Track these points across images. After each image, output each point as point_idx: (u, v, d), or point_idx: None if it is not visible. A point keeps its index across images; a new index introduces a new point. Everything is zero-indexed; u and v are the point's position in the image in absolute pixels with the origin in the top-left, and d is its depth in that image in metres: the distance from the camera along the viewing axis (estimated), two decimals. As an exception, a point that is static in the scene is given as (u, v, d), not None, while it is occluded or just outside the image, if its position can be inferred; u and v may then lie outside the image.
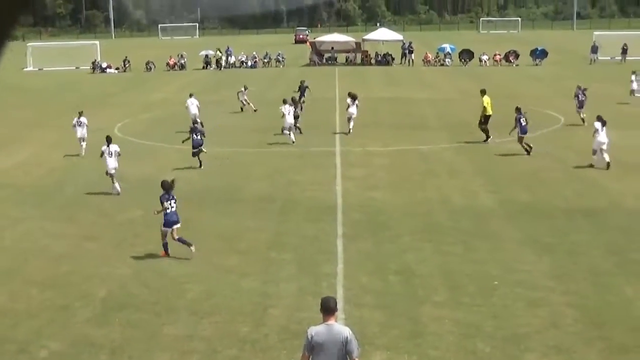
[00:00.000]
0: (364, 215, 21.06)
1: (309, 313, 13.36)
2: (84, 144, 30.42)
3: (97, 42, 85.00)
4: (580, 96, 35.03)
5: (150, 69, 73.51)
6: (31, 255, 18.37)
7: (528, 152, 28.71)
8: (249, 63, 75.23)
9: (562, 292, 15.08)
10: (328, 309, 9.70)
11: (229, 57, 76.43)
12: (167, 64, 74.65)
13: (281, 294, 15.28)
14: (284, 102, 32.92)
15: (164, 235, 17.83)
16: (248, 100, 41.66)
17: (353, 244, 18.38)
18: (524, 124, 28.64)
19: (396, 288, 15.52)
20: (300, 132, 34.12)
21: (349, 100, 35.19)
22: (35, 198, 24.14)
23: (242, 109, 41.70)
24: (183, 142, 29.02)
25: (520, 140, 28.93)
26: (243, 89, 42.32)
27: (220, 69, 72.98)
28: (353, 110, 34.74)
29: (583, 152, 27.83)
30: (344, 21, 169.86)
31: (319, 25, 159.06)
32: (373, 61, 74.39)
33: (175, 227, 17.79)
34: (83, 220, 21.31)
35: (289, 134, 32.36)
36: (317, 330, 9.60)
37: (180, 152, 30.79)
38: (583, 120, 34.52)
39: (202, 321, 14.09)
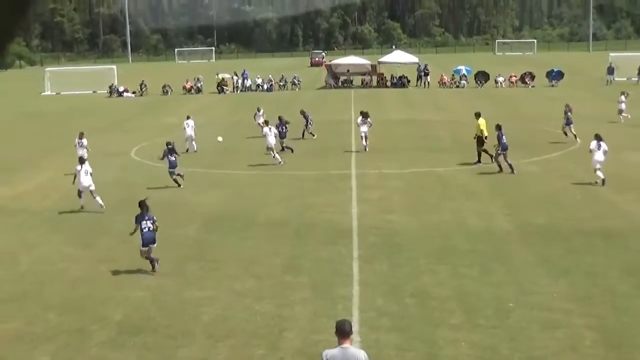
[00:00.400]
0: (379, 237, 21.01)
1: (324, 336, 13.32)
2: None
3: (114, 66, 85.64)
4: (568, 114, 36.75)
5: (167, 92, 73.91)
6: (48, 279, 18.43)
7: (500, 169, 29.75)
8: (265, 86, 75.48)
9: (580, 315, 14.97)
10: (343, 332, 9.67)
11: (245, 80, 76.71)
12: (184, 87, 75.04)
13: (296, 316, 15.25)
14: (266, 123, 33.92)
15: (143, 253, 18.32)
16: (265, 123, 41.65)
17: (369, 267, 18.33)
18: (504, 141, 29.49)
19: (412, 311, 15.45)
20: (292, 151, 34.89)
21: (359, 119, 35.80)
22: (52, 222, 24.25)
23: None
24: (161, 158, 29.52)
25: (497, 156, 29.84)
26: (257, 110, 42.43)
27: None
28: (365, 128, 35.33)
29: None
30: (359, 44, 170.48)
31: (335, 48, 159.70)
32: (389, 83, 74.51)
33: (151, 246, 18.23)
34: (99, 244, 21.38)
35: (274, 155, 32.75)
36: (332, 354, 9.57)
37: (195, 175, 30.95)
38: (575, 136, 36.24)
39: (218, 344, 14.08)
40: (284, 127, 35.78)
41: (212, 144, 35.93)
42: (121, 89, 75.61)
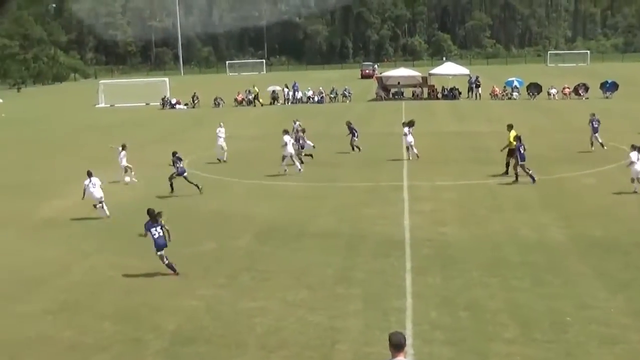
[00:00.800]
0: (432, 249, 20.85)
1: (377, 348, 13.24)
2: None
3: (166, 78, 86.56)
4: (594, 123, 37.60)
5: (219, 104, 74.48)
6: (100, 288, 18.60)
7: (517, 179, 29.98)
8: (316, 98, 75.64)
9: (638, 330, 14.66)
10: (397, 344, 9.57)
11: (296, 93, 76.95)
12: (235, 99, 75.53)
13: (349, 328, 15.17)
14: (285, 132, 34.49)
15: (161, 258, 19.14)
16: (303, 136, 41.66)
17: (421, 279, 18.19)
18: (522, 152, 29.59)
19: (465, 323, 15.28)
20: (301, 161, 35.20)
21: (405, 129, 36.24)
22: (104, 232, 24.50)
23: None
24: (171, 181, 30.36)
25: (516, 167, 29.98)
26: (294, 122, 42.25)
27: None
28: (410, 138, 35.87)
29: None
30: (410, 55, 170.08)
31: (385, 60, 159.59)
32: (440, 95, 74.17)
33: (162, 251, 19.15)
34: (152, 253, 21.48)
35: (293, 162, 33.57)
36: (386, 366, 9.48)
37: (248, 186, 31.13)
38: (602, 144, 37.28)
39: (271, 355, 14.07)
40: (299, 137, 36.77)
41: (263, 155, 36.08)
42: (173, 101, 76.41)
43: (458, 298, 16.77)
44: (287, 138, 33.93)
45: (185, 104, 75.73)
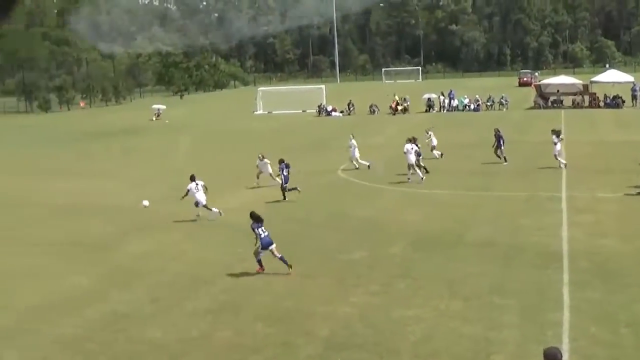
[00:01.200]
0: (591, 263, 20.14)
1: (533, 362, 12.90)
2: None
3: (322, 86, 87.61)
4: None
5: (374, 112, 74.78)
6: (256, 291, 18.97)
7: None
8: (472, 106, 74.75)
9: None
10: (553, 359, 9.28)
11: (452, 101, 76.31)
12: (390, 107, 75.59)
13: (504, 340, 14.84)
14: (409, 141, 34.23)
15: (258, 253, 20.35)
16: (432, 144, 41.24)
17: (580, 293, 17.59)
18: None
19: (627, 341, 14.65)
20: (427, 171, 34.70)
21: (554, 137, 35.52)
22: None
23: (440, 154, 41.18)
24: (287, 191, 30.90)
25: None
26: (426, 132, 41.82)
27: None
28: (559, 147, 35.37)
29: None
30: (570, 63, 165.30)
31: (544, 68, 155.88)
32: (602, 104, 71.67)
33: (271, 247, 20.14)
34: (306, 258, 21.77)
35: (414, 171, 33.41)
36: (543, 381, 9.21)
37: (399, 193, 31.12)
38: None
39: (423, 365, 13.95)
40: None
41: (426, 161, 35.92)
42: (329, 108, 77.27)
43: (619, 314, 16.12)
44: (408, 147, 33.78)
45: (341, 112, 76.45)
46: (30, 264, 22.79)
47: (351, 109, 76.48)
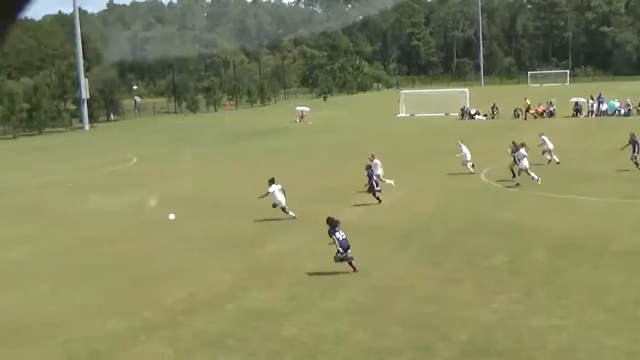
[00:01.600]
0: None
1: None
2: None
3: (466, 89, 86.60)
4: (635, 143, 36.41)
5: (518, 116, 73.42)
6: (396, 294, 19.00)
7: None
8: (622, 111, 72.18)
9: None
10: None
11: (601, 105, 73.94)
12: (536, 110, 73.95)
13: (649, 355, 14.35)
14: (519, 146, 34.29)
15: (342, 257, 20.60)
16: (549, 150, 39.99)
17: None
18: None
19: None
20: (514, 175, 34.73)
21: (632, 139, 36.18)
22: (401, 240, 24.96)
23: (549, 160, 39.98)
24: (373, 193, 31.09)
25: None
26: (540, 135, 41.01)
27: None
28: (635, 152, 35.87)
29: None
30: None
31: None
32: None
33: (349, 251, 20.64)
34: (448, 263, 21.66)
35: (529, 174, 33.52)
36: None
37: (539, 198, 30.54)
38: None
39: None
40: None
41: (558, 168, 35.15)
42: (472, 111, 76.37)
43: None
44: (523, 151, 34.14)
45: (485, 115, 75.43)
46: (179, 259, 23.53)
47: (495, 112, 75.32)
